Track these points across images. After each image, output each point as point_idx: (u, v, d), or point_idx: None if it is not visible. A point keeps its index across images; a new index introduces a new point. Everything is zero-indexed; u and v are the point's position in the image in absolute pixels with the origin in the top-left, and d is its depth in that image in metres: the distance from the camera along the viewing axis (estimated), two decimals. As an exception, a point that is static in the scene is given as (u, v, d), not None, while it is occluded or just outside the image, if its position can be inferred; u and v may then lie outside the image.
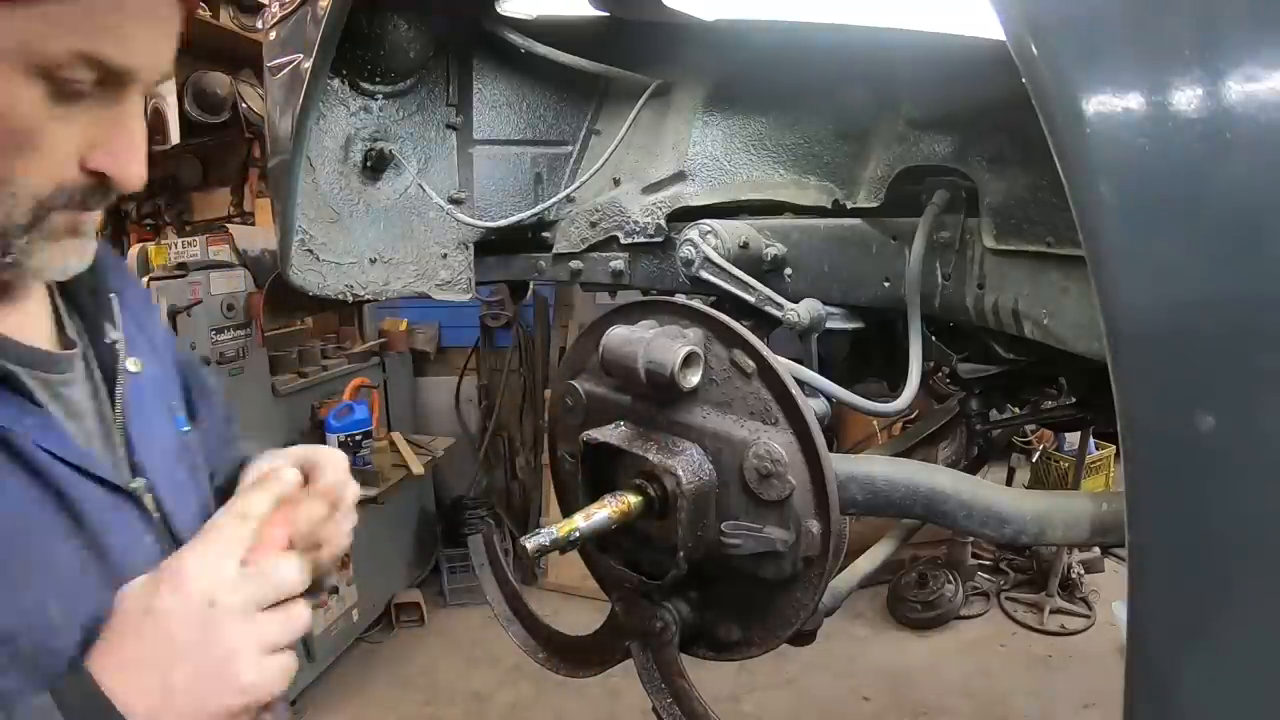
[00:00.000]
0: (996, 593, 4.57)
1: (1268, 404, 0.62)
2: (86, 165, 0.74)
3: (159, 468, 0.91)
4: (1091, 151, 0.62)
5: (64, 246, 0.77)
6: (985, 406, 1.84)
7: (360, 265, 1.79)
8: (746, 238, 1.46)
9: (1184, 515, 0.64)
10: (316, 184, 1.70)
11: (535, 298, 5.22)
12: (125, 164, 0.75)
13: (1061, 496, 1.00)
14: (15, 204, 0.71)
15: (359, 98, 1.71)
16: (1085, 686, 3.82)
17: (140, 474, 0.88)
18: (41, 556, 0.74)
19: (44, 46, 0.66)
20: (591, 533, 0.94)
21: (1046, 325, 1.12)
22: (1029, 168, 1.14)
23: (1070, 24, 0.65)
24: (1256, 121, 0.60)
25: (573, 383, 1.16)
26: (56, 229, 0.75)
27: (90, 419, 0.86)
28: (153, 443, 0.92)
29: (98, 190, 0.76)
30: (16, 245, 0.73)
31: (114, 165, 0.74)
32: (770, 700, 3.75)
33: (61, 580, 0.74)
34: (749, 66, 1.58)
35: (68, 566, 0.76)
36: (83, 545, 0.77)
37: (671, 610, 1.08)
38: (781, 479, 0.95)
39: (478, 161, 1.84)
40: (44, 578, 0.73)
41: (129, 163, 0.75)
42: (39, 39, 0.66)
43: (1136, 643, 0.67)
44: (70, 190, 0.74)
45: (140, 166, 0.76)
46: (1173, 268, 0.63)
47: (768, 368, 0.98)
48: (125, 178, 0.75)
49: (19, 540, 0.72)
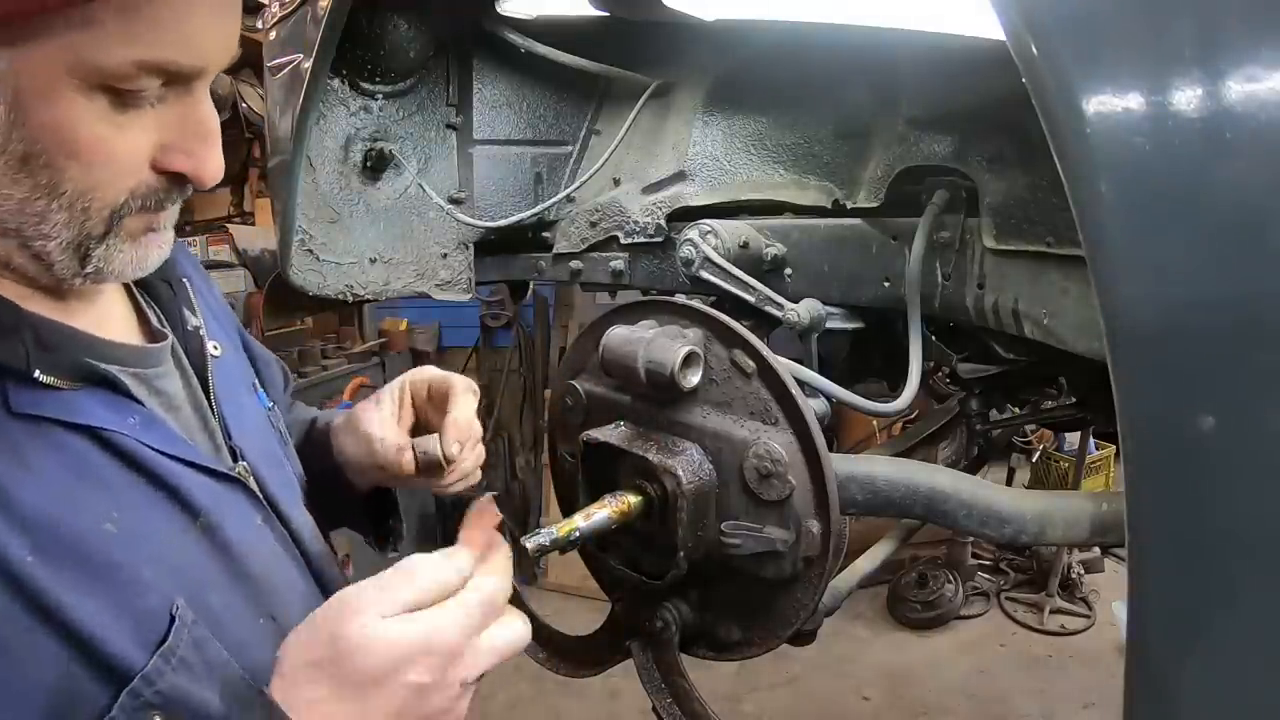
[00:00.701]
0: (996, 593, 4.57)
1: (1268, 404, 0.62)
2: (159, 166, 0.71)
3: (256, 448, 0.91)
4: (1091, 151, 0.62)
5: (143, 245, 0.75)
6: (985, 406, 1.84)
7: (360, 265, 1.79)
8: (746, 238, 1.46)
9: (1184, 515, 0.64)
10: (316, 184, 1.70)
11: (535, 298, 5.22)
12: (200, 161, 0.72)
13: (1061, 496, 1.00)
14: (88, 216, 0.69)
15: (359, 98, 1.71)
16: (1085, 686, 3.82)
17: (240, 458, 0.88)
18: (163, 554, 0.73)
19: (101, 61, 0.63)
20: (591, 533, 0.94)
21: (1046, 325, 1.12)
22: (1029, 168, 1.14)
23: (1070, 24, 0.65)
24: (1256, 121, 0.60)
25: (573, 383, 1.16)
26: (134, 230, 0.73)
27: (187, 409, 0.86)
28: (245, 424, 0.92)
29: (173, 189, 0.73)
30: (95, 254, 0.71)
31: (189, 164, 0.72)
32: (770, 700, 3.75)
33: (185, 574, 0.74)
34: (749, 66, 1.57)
35: (190, 560, 0.75)
36: (201, 534, 0.77)
37: (671, 610, 1.08)
38: (781, 479, 0.95)
39: (478, 161, 1.84)
40: (167, 575, 0.72)
41: (204, 159, 0.72)
42: (94, 53, 0.63)
43: (1136, 643, 0.67)
44: (145, 195, 0.71)
45: (216, 162, 0.73)
46: (1173, 267, 0.63)
47: (768, 368, 0.98)
48: (201, 175, 0.73)
49: (141, 541, 0.71)
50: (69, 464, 0.70)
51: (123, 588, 0.69)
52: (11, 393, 0.68)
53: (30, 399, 0.69)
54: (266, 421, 1.00)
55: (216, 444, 0.87)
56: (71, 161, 0.66)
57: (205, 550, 0.77)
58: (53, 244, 0.69)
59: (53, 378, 0.70)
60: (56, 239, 0.69)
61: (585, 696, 3.70)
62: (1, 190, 0.66)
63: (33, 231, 0.68)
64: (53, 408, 0.70)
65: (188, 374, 0.88)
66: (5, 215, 0.68)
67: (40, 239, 0.69)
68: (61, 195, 0.67)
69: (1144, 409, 0.64)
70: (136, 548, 0.71)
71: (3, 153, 0.64)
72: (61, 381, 0.71)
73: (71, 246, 0.70)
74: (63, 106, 0.64)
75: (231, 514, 0.81)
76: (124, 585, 0.69)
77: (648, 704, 1.08)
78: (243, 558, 0.80)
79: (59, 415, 0.70)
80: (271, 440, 0.99)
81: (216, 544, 0.78)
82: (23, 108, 0.63)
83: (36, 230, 0.68)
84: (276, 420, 1.04)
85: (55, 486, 0.68)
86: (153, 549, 0.72)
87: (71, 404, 0.72)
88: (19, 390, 0.69)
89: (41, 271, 0.72)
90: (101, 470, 0.72)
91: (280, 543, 0.88)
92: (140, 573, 0.70)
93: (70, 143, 0.65)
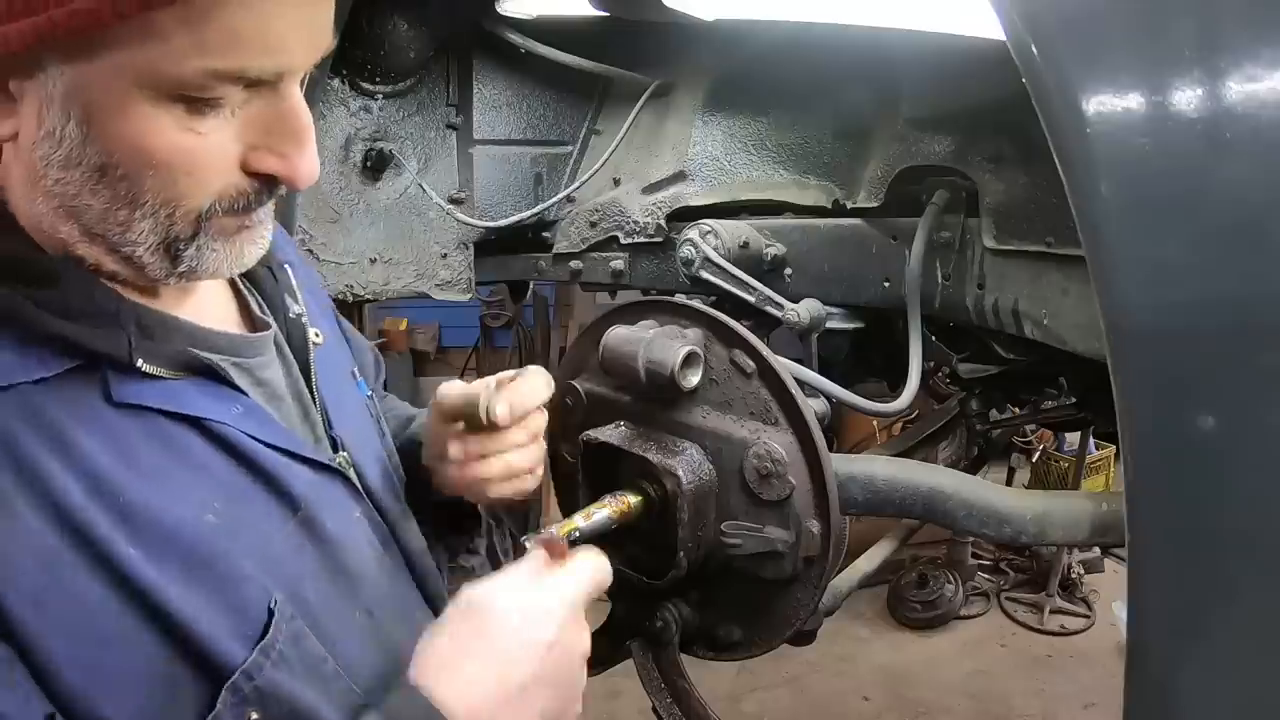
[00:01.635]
0: (996, 593, 4.57)
1: (1267, 403, 0.62)
2: (249, 168, 0.68)
3: (356, 439, 0.89)
4: (1091, 151, 0.62)
5: (237, 243, 0.72)
6: (985, 406, 1.84)
7: (360, 265, 1.79)
8: (746, 238, 1.46)
9: (1184, 515, 0.64)
10: (317, 184, 1.70)
11: (535, 298, 5.22)
12: (292, 162, 0.68)
13: (1061, 496, 1.00)
14: (173, 222, 0.67)
15: (359, 98, 1.71)
16: (1085, 686, 3.82)
17: (341, 448, 0.87)
18: (262, 546, 0.72)
19: (171, 72, 0.60)
20: (591, 533, 0.94)
21: (1046, 325, 1.12)
22: (1029, 168, 1.14)
23: (1070, 24, 0.65)
24: (1256, 121, 0.60)
25: (573, 383, 1.16)
26: (227, 229, 0.70)
27: (289, 399, 0.85)
28: (346, 414, 0.90)
29: (264, 190, 0.70)
30: (186, 254, 0.69)
31: (280, 165, 0.68)
32: (770, 700, 3.74)
33: (283, 567, 0.73)
34: (749, 66, 1.58)
35: (288, 552, 0.74)
36: (299, 526, 0.76)
37: (671, 610, 1.08)
38: (781, 479, 0.95)
39: (478, 161, 1.84)
40: (266, 568, 0.71)
41: (296, 160, 0.68)
42: (163, 65, 0.59)
43: (1136, 643, 0.67)
44: (234, 197, 0.68)
45: (310, 161, 0.69)
46: (1173, 267, 0.63)
47: (768, 368, 0.98)
48: (294, 177, 0.69)
49: (241, 532, 0.71)
50: (171, 454, 0.69)
51: (222, 580, 0.68)
52: (114, 382, 0.68)
53: (133, 389, 0.68)
54: (365, 410, 0.98)
55: (317, 434, 0.86)
56: (151, 171, 0.63)
57: (303, 543, 0.76)
58: (141, 249, 0.67)
59: (155, 367, 0.69)
60: (144, 244, 0.67)
61: (585, 696, 3.70)
62: (83, 200, 0.65)
63: (119, 238, 0.67)
64: (155, 397, 0.69)
65: (289, 363, 0.87)
66: (90, 222, 0.66)
67: (128, 245, 0.67)
68: (143, 205, 0.65)
69: (1144, 409, 0.64)
70: (236, 539, 0.70)
71: (79, 165, 0.63)
72: (164, 371, 0.70)
73: (160, 248, 0.68)
74: (135, 118, 0.61)
75: (330, 506, 0.80)
76: (223, 578, 0.68)
77: (648, 704, 1.08)
78: (340, 551, 0.79)
79: (162, 405, 0.69)
80: (370, 430, 0.97)
81: (315, 536, 0.77)
82: (94, 120, 0.61)
83: (123, 237, 0.67)
84: (374, 408, 1.01)
85: (157, 476, 0.67)
86: (252, 541, 0.71)
87: (174, 393, 0.71)
88: (121, 380, 0.68)
89: (134, 273, 0.70)
90: (204, 460, 0.71)
91: (378, 535, 0.87)
92: (240, 565, 0.69)
93: (146, 154, 0.63)
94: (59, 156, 0.63)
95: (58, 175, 0.64)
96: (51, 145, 0.62)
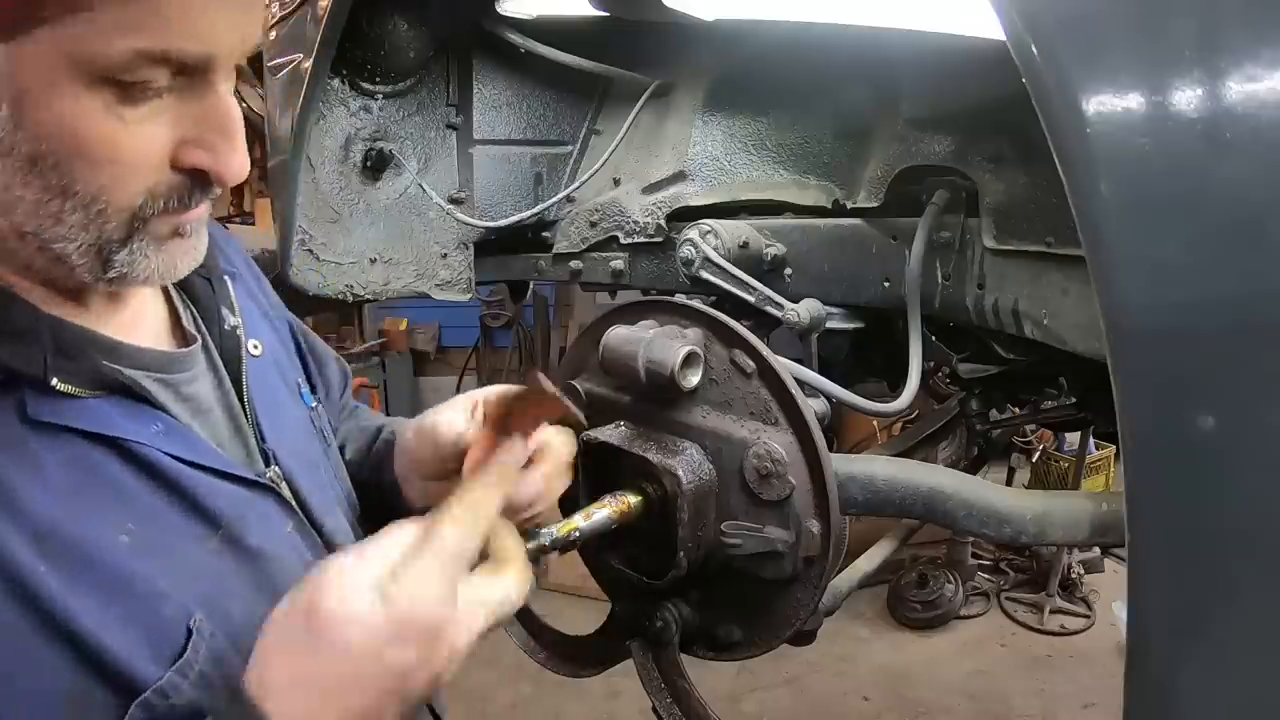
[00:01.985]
0: (996, 593, 4.57)
1: (1268, 404, 0.62)
2: (179, 164, 0.67)
3: (292, 452, 0.88)
4: (1091, 151, 0.62)
5: (170, 250, 0.71)
6: (985, 406, 1.84)
7: (360, 265, 1.79)
8: (746, 238, 1.46)
9: (1184, 515, 0.64)
10: (316, 184, 1.70)
11: (535, 298, 5.23)
12: (222, 157, 0.68)
13: (1061, 496, 1.00)
14: (106, 220, 0.66)
15: (359, 98, 1.71)
16: (1085, 686, 3.82)
17: (273, 462, 0.85)
18: (181, 565, 0.71)
19: (99, 51, 0.59)
20: (591, 533, 0.94)
21: (1046, 325, 1.12)
22: (1029, 168, 1.14)
23: (1070, 24, 0.65)
24: (1256, 121, 0.60)
25: (573, 383, 1.16)
26: (160, 234, 0.70)
27: (217, 412, 0.83)
28: (282, 426, 0.89)
29: (196, 187, 0.69)
30: (118, 259, 0.68)
31: (209, 160, 0.67)
32: (770, 700, 3.75)
33: (205, 586, 0.72)
34: (749, 66, 1.58)
35: (211, 571, 0.73)
36: (223, 543, 0.75)
37: (671, 610, 1.08)
38: (781, 479, 0.95)
39: (478, 161, 1.84)
40: (186, 587, 0.70)
41: (226, 155, 0.68)
42: (92, 44, 0.59)
43: (1136, 643, 0.67)
44: (165, 194, 0.67)
45: (239, 157, 0.69)
46: (1173, 267, 0.63)
47: (768, 368, 0.98)
48: (223, 171, 0.68)
49: (158, 552, 0.70)
50: (85, 474, 0.68)
51: (137, 600, 0.67)
52: (30, 400, 0.67)
53: (49, 407, 0.67)
54: (308, 423, 0.97)
55: (249, 449, 0.85)
56: (80, 160, 0.63)
57: (227, 561, 0.75)
58: (71, 245, 0.66)
59: (71, 386, 0.68)
60: (75, 241, 0.66)
61: (585, 696, 3.70)
62: (14, 192, 0.64)
63: (50, 234, 0.66)
64: (72, 416, 0.68)
65: (220, 376, 0.85)
66: (22, 218, 0.65)
67: (59, 241, 0.66)
68: (74, 195, 0.64)
69: (1144, 409, 0.64)
70: (152, 559, 0.69)
71: (9, 154, 0.62)
72: (81, 390, 0.69)
73: (92, 250, 0.67)
74: (65, 102, 0.60)
75: (257, 522, 0.79)
76: (138, 597, 0.67)
77: (648, 704, 1.08)
78: (268, 567, 0.77)
79: (78, 424, 0.68)
80: (311, 443, 0.95)
81: (240, 554, 0.76)
82: (24, 105, 0.60)
83: (54, 232, 0.66)
84: (319, 420, 1.00)
85: (69, 496, 0.67)
86: (170, 560, 0.70)
87: (91, 413, 0.70)
88: (38, 398, 0.67)
89: (64, 274, 0.70)
90: (119, 480, 0.70)
91: (311, 550, 0.85)
92: (156, 584, 0.68)
93: (76, 140, 0.62)
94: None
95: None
96: None
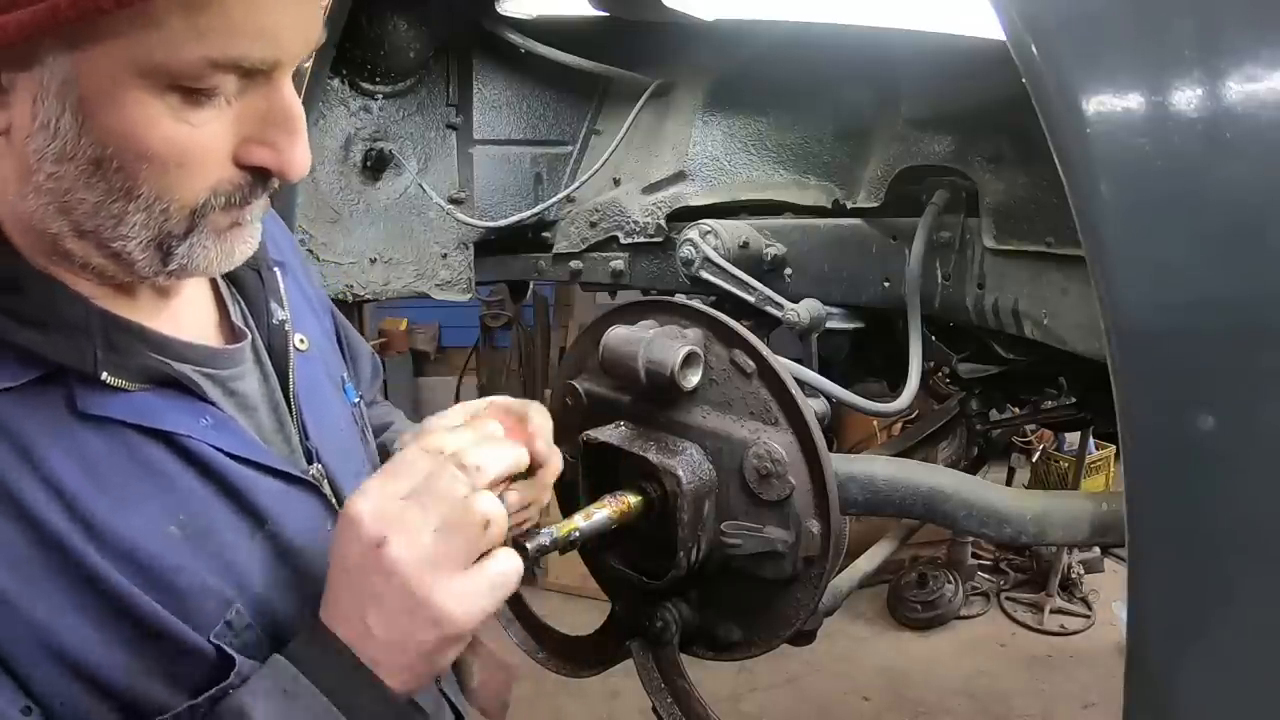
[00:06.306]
0: (996, 593, 4.57)
1: (1268, 403, 0.62)
2: (241, 161, 0.67)
3: (334, 449, 0.88)
4: (1091, 151, 0.63)
5: (228, 239, 0.72)
6: (985, 406, 1.84)
7: (360, 265, 1.79)
8: (746, 238, 1.46)
9: (1184, 515, 0.64)
10: (316, 184, 1.70)
11: (535, 298, 5.22)
12: (285, 154, 0.68)
13: (1061, 496, 1.00)
14: (168, 217, 0.66)
15: (359, 98, 1.71)
16: (1085, 686, 3.82)
17: (316, 459, 0.85)
18: (226, 559, 0.72)
19: (168, 61, 0.59)
20: (591, 533, 0.94)
21: (1046, 325, 1.12)
22: (1029, 168, 1.14)
23: (1070, 24, 0.65)
24: (1256, 122, 0.60)
25: (573, 383, 1.16)
26: (219, 226, 0.70)
27: (263, 409, 0.84)
28: (326, 423, 0.89)
29: (258, 184, 0.70)
30: (178, 251, 0.68)
31: (272, 157, 0.68)
32: (770, 700, 3.74)
33: (247, 580, 0.73)
34: (749, 66, 1.58)
35: (253, 565, 0.74)
36: (266, 539, 0.76)
37: (671, 610, 1.08)
38: (781, 479, 0.95)
39: (478, 161, 1.84)
40: (230, 580, 0.72)
41: (289, 151, 0.68)
42: (161, 53, 0.59)
43: (1136, 643, 0.67)
44: (228, 191, 0.68)
45: (302, 154, 0.69)
46: (1173, 267, 0.63)
47: (768, 368, 0.98)
48: (286, 168, 0.68)
49: (202, 544, 0.71)
50: (135, 466, 0.69)
51: (183, 592, 0.69)
52: (79, 393, 0.67)
53: (99, 401, 0.68)
54: (351, 419, 0.97)
55: (292, 445, 0.85)
56: (146, 164, 0.63)
57: (269, 556, 0.76)
58: (132, 244, 0.67)
59: (120, 380, 0.69)
60: (136, 239, 0.67)
61: (585, 696, 3.70)
62: (76, 194, 0.64)
63: (111, 233, 0.66)
64: (121, 410, 0.69)
65: (267, 371, 0.85)
66: (81, 218, 0.65)
67: (119, 240, 0.66)
68: (138, 198, 0.64)
69: (1144, 409, 0.64)
70: (199, 551, 0.70)
71: (73, 158, 0.62)
72: (130, 384, 0.70)
73: (153, 245, 0.67)
74: (131, 109, 0.61)
75: (299, 518, 0.79)
76: (184, 590, 0.69)
77: (648, 704, 1.08)
78: (308, 564, 0.78)
79: (127, 418, 0.69)
80: (353, 440, 0.95)
81: (281, 549, 0.77)
82: (89, 112, 0.61)
83: (115, 232, 0.66)
84: (360, 417, 1.00)
85: (119, 489, 0.68)
86: (215, 553, 0.72)
87: (140, 406, 0.70)
88: (87, 391, 0.68)
89: (122, 270, 0.70)
90: (169, 473, 0.71)
91: None
92: (203, 578, 0.70)
93: (142, 145, 0.62)
94: (53, 150, 0.62)
95: (51, 169, 0.63)
96: (46, 138, 0.62)
